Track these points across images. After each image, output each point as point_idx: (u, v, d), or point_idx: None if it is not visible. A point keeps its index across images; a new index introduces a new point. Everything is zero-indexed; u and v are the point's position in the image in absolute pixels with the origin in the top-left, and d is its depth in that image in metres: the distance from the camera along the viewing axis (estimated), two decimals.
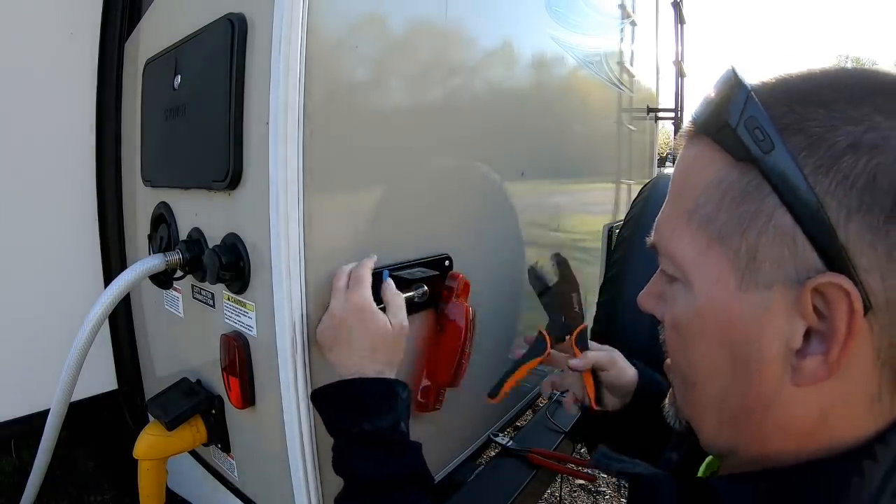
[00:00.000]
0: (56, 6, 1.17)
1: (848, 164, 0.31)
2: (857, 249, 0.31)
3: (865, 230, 0.31)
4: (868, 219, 0.30)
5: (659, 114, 2.60)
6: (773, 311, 0.35)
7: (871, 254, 0.31)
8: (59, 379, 0.92)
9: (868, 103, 0.31)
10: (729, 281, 0.36)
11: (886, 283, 0.31)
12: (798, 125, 0.33)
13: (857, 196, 0.30)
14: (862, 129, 0.31)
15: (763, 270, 0.35)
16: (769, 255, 0.34)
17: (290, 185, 0.73)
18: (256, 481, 0.98)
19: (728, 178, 0.36)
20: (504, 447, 1.28)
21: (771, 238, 0.34)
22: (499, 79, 1.21)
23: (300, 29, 0.71)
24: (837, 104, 0.32)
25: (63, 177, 1.24)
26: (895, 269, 0.31)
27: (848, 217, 0.31)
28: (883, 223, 0.30)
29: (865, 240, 0.31)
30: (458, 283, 1.01)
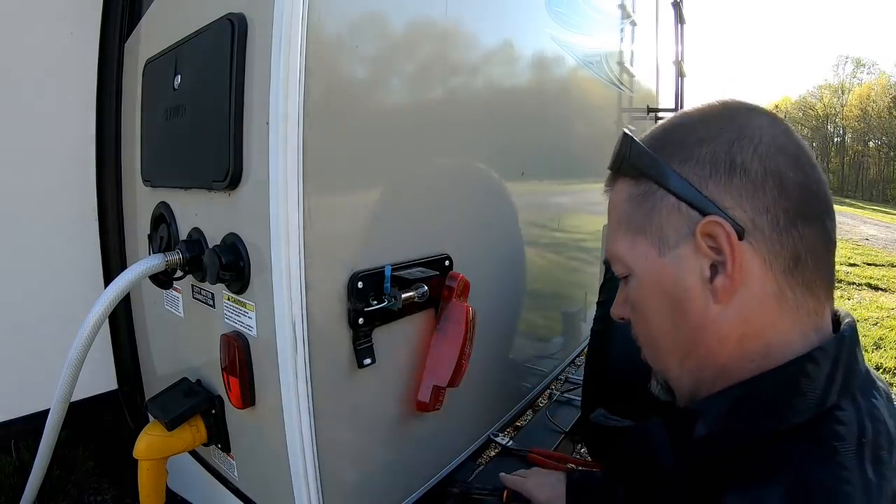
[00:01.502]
0: (56, 6, 1.17)
1: (698, 153, 0.49)
2: (718, 198, 0.48)
3: (720, 186, 0.48)
4: (717, 178, 0.48)
5: (659, 114, 2.60)
6: (684, 259, 0.50)
7: (728, 198, 0.48)
8: (59, 379, 0.92)
9: (706, 119, 0.52)
10: (652, 254, 0.52)
11: (747, 213, 0.47)
12: (663, 143, 0.53)
13: (708, 168, 0.49)
14: (702, 135, 0.50)
15: (670, 237, 0.51)
16: (669, 225, 0.51)
17: (290, 185, 0.73)
18: (256, 481, 0.98)
19: (632, 191, 0.54)
20: (504, 447, 1.28)
21: (666, 214, 0.51)
22: (499, 79, 1.20)
23: (300, 28, 0.71)
24: (690, 123, 0.53)
25: (63, 177, 1.24)
26: (747, 203, 0.47)
27: (705, 182, 0.48)
28: (726, 179, 0.48)
29: (722, 191, 0.48)
30: (458, 283, 1.01)
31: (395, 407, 0.98)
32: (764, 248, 0.47)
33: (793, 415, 0.45)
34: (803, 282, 0.48)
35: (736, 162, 0.48)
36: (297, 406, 0.78)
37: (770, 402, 0.46)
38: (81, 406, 1.24)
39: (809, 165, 0.49)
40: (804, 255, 0.47)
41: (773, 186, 0.47)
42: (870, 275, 6.33)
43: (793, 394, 0.45)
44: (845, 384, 0.46)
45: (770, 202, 0.47)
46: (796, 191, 0.47)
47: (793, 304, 0.48)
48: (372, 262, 0.87)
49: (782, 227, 0.47)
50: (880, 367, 3.42)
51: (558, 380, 1.76)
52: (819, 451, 0.43)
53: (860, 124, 53.49)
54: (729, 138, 0.49)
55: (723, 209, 0.47)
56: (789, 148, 0.49)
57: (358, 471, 0.93)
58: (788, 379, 0.46)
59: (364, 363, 0.87)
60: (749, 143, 0.48)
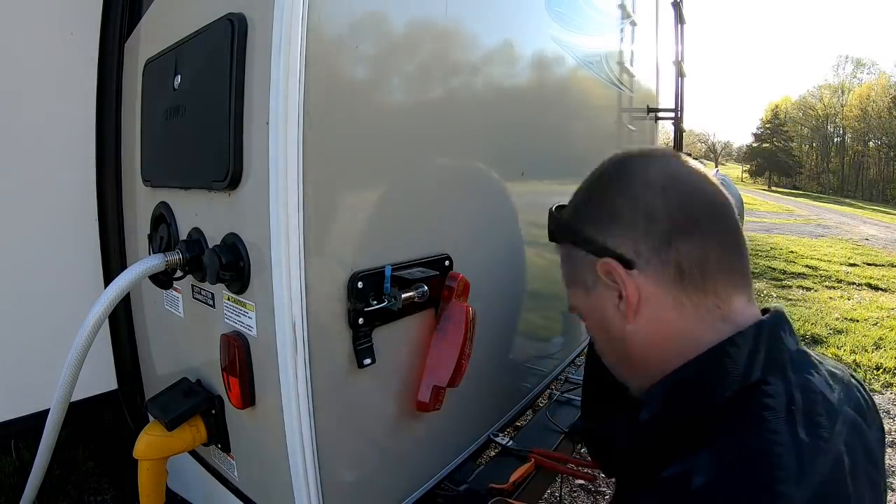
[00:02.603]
0: (56, 6, 1.17)
1: (592, 212, 0.64)
2: (608, 243, 0.60)
3: (607, 233, 0.61)
4: (604, 227, 0.61)
5: (659, 114, 2.60)
6: (601, 295, 0.63)
7: (614, 239, 0.60)
8: (59, 379, 0.92)
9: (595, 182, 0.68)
10: (583, 296, 0.66)
11: (629, 247, 0.59)
12: (573, 210, 0.68)
13: (598, 222, 0.62)
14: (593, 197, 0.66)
15: (588, 281, 0.64)
16: (586, 273, 0.64)
17: (290, 185, 0.73)
18: (256, 481, 0.98)
19: (562, 253, 0.70)
20: (504, 447, 1.28)
21: (582, 265, 0.64)
22: (499, 79, 1.20)
23: (300, 28, 0.72)
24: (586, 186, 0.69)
25: (63, 177, 1.24)
26: (628, 240, 0.59)
27: (599, 233, 0.62)
28: (609, 225, 0.61)
29: (609, 236, 0.60)
30: (458, 283, 1.01)
31: (395, 407, 0.98)
32: (650, 271, 0.58)
33: (721, 390, 0.52)
34: (695, 287, 0.57)
35: (613, 210, 0.61)
36: (297, 406, 0.78)
37: (698, 382, 0.55)
38: (81, 406, 1.24)
39: (677, 186, 0.60)
40: (687, 266, 0.57)
41: (642, 220, 0.59)
42: (870, 275, 6.33)
43: (717, 373, 0.53)
44: (770, 361, 0.53)
45: (643, 233, 0.58)
46: (664, 215, 0.58)
47: (691, 307, 0.57)
48: (372, 262, 0.87)
49: (659, 250, 0.57)
50: (880, 367, 3.42)
51: (558, 380, 1.76)
52: (748, 419, 0.49)
53: (860, 124, 53.47)
54: (609, 194, 0.63)
55: (612, 250, 0.60)
56: (658, 180, 0.60)
57: (358, 471, 0.93)
58: (712, 361, 0.54)
59: (364, 363, 0.87)
60: (619, 193, 0.61)
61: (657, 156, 0.65)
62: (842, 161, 56.02)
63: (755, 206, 18.49)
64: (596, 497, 2.08)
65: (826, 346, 3.74)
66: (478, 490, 1.08)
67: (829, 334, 4.00)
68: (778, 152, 58.58)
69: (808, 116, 60.55)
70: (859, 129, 53.79)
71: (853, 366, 3.44)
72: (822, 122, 59.29)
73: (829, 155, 58.17)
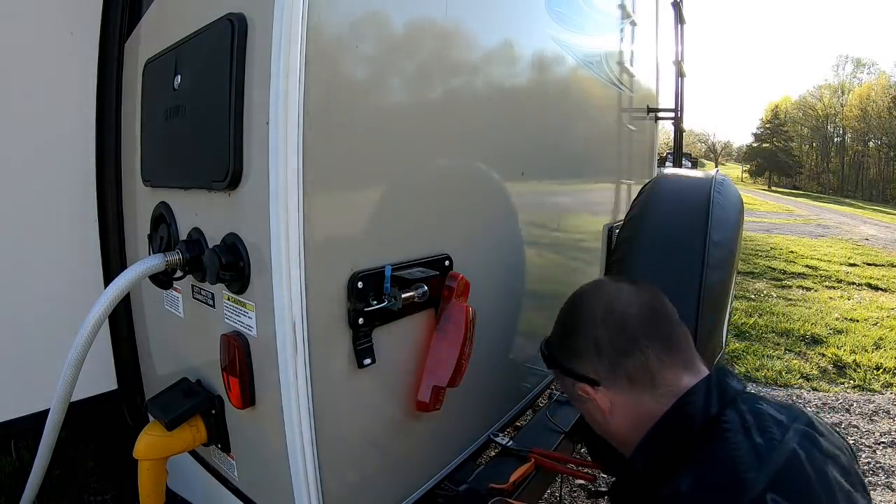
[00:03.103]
0: (56, 6, 1.17)
1: (566, 346, 0.87)
2: (578, 369, 0.84)
3: (575, 362, 0.85)
4: (572, 359, 0.86)
5: (659, 114, 2.60)
6: (586, 402, 0.84)
7: (581, 366, 0.84)
8: (59, 379, 0.92)
9: (562, 320, 0.93)
10: (575, 401, 0.88)
11: (591, 371, 0.82)
12: (557, 344, 0.91)
13: (567, 355, 0.87)
14: (562, 333, 0.90)
15: (575, 394, 0.85)
16: (571, 389, 0.87)
17: (290, 185, 0.73)
18: (256, 481, 0.98)
19: (555, 374, 0.93)
20: (504, 447, 1.28)
21: (567, 384, 0.88)
22: (499, 79, 1.20)
23: (300, 28, 0.71)
24: (559, 322, 0.93)
25: (63, 177, 1.24)
26: (589, 366, 0.82)
27: (569, 362, 0.86)
28: (574, 358, 0.85)
29: (577, 364, 0.84)
30: (458, 283, 1.01)
31: (395, 407, 0.98)
32: (610, 385, 0.80)
33: (689, 424, 0.70)
34: (645, 386, 0.77)
35: (574, 346, 0.85)
36: (297, 406, 0.78)
37: (670, 426, 0.72)
38: (81, 406, 1.24)
39: (609, 317, 0.81)
40: (635, 375, 0.77)
41: (593, 351, 0.81)
42: (870, 275, 6.33)
43: (683, 415, 0.71)
44: (722, 400, 0.71)
45: (596, 361, 0.81)
46: (607, 345, 0.80)
47: (648, 398, 0.76)
48: (372, 262, 0.87)
49: (610, 368, 0.79)
50: (880, 367, 3.42)
51: None
52: (713, 439, 0.66)
53: (860, 124, 53.47)
54: (569, 333, 0.87)
55: (581, 374, 0.83)
56: (597, 315, 0.82)
57: (358, 471, 0.93)
58: (678, 409, 0.72)
59: (364, 363, 0.87)
60: (574, 332, 0.86)
61: (597, 290, 0.87)
62: (842, 161, 56.01)
63: (755, 206, 18.49)
64: (596, 497, 2.08)
65: (826, 346, 3.74)
66: (478, 490, 1.08)
67: (829, 334, 4.00)
68: (778, 152, 58.57)
69: (808, 116, 60.54)
70: (859, 129, 53.78)
71: (853, 366, 3.44)
72: (822, 122, 59.27)
73: (829, 155, 58.17)
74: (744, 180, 59.11)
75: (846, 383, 3.21)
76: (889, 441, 2.55)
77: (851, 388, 3.15)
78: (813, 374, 3.29)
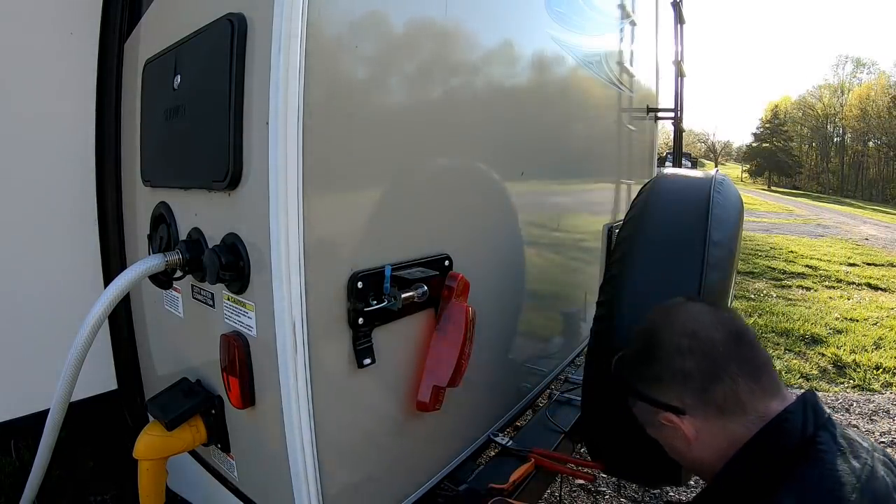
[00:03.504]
0: (56, 6, 1.17)
1: (646, 375, 0.83)
2: (662, 397, 0.80)
3: (659, 391, 0.80)
4: (655, 387, 0.81)
5: (659, 114, 2.60)
6: (667, 431, 0.81)
7: (665, 395, 0.79)
8: (59, 379, 0.92)
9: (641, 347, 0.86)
10: (654, 430, 0.85)
11: (676, 399, 0.78)
12: (635, 373, 0.86)
13: (650, 383, 0.82)
14: (642, 360, 0.85)
15: (656, 423, 0.82)
16: (651, 417, 0.83)
17: (289, 185, 0.73)
18: (256, 481, 0.98)
19: (631, 402, 0.88)
20: (504, 447, 1.28)
21: (647, 412, 0.83)
22: (499, 79, 1.20)
23: (300, 28, 0.72)
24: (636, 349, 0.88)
25: (63, 177, 1.24)
26: (675, 395, 0.78)
27: (654, 391, 0.81)
28: (657, 386, 0.81)
29: (661, 393, 0.80)
30: (458, 283, 1.01)
31: (395, 407, 0.98)
32: (697, 413, 0.77)
33: (785, 444, 0.69)
34: (735, 413, 0.75)
35: (657, 375, 0.81)
36: (297, 406, 0.78)
37: (764, 446, 0.71)
38: (81, 406, 1.24)
39: (696, 346, 0.78)
40: (724, 402, 0.75)
41: (679, 381, 0.78)
42: (870, 274, 6.34)
43: (779, 434, 0.71)
44: (817, 422, 0.70)
45: (684, 389, 0.77)
46: (695, 374, 0.77)
47: (736, 426, 0.74)
48: (372, 262, 0.87)
49: (699, 397, 0.76)
50: (880, 367, 3.42)
51: (558, 380, 1.76)
52: (809, 460, 0.66)
53: (860, 124, 53.47)
54: (652, 359, 0.82)
55: (665, 403, 0.79)
56: (681, 346, 0.79)
57: (358, 471, 0.93)
58: (773, 429, 0.72)
59: (364, 363, 0.87)
60: (658, 361, 0.81)
61: (678, 315, 0.83)
62: (841, 161, 56.01)
63: (755, 206, 18.49)
64: (596, 497, 2.08)
65: (826, 346, 3.74)
66: (478, 490, 1.08)
67: (828, 334, 4.00)
68: (778, 152, 58.56)
69: (807, 116, 60.54)
70: (859, 128, 53.77)
71: (853, 365, 3.44)
72: (822, 121, 59.28)
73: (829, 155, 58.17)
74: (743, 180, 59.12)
75: (846, 383, 3.21)
76: (889, 441, 2.55)
77: (851, 388, 3.15)
78: (813, 373, 3.30)
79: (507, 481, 1.10)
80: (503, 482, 1.10)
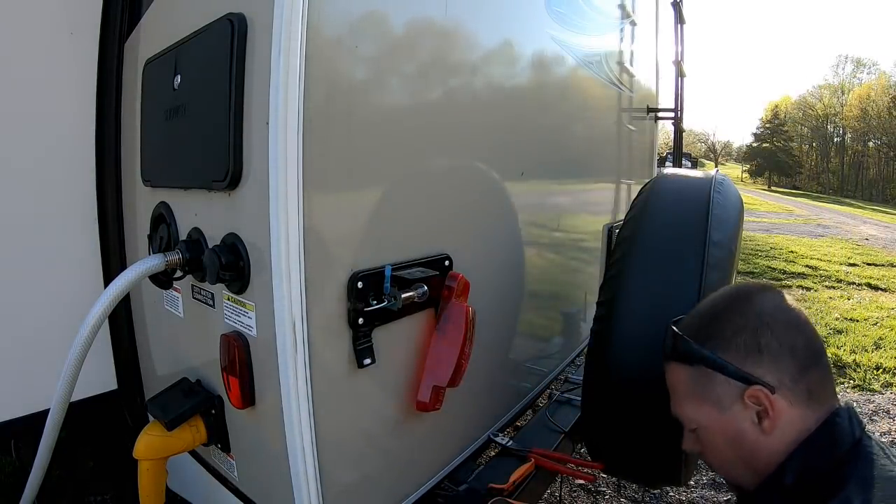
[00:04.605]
0: (56, 6, 1.17)
1: (735, 343, 0.75)
2: (754, 371, 0.74)
3: (754, 363, 0.74)
4: (751, 358, 0.74)
5: (659, 114, 2.60)
6: (739, 413, 0.75)
7: (761, 369, 0.73)
8: (59, 379, 0.92)
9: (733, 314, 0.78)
10: (714, 413, 0.78)
11: (774, 376, 0.73)
12: (705, 337, 0.78)
13: (743, 353, 0.75)
14: (734, 328, 0.76)
15: (725, 401, 0.76)
16: (724, 394, 0.76)
17: (290, 185, 0.73)
18: (256, 481, 0.98)
19: (691, 373, 0.80)
20: (504, 447, 1.28)
21: (720, 388, 0.76)
22: (499, 79, 1.21)
23: (300, 28, 0.71)
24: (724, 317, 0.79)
25: (63, 177, 1.24)
26: (774, 370, 0.73)
27: (743, 361, 0.74)
28: (757, 358, 0.74)
29: (755, 366, 0.74)
30: (458, 283, 1.01)
31: (395, 407, 0.98)
32: (789, 395, 0.73)
33: (840, 446, 0.70)
34: (817, 401, 0.73)
35: (762, 345, 0.74)
36: (297, 406, 0.78)
37: (824, 443, 0.71)
38: (81, 406, 1.24)
39: (804, 325, 0.76)
40: (813, 388, 0.73)
41: (787, 355, 0.73)
42: (870, 275, 6.33)
43: (836, 434, 0.71)
44: (861, 427, 0.72)
45: (786, 365, 0.73)
46: (802, 351, 0.74)
47: (811, 415, 0.73)
48: (372, 262, 0.87)
49: (797, 378, 0.73)
50: (880, 367, 3.42)
51: (558, 380, 1.76)
52: (862, 460, 0.69)
53: (860, 124, 53.45)
54: (753, 327, 0.75)
55: (757, 378, 0.73)
56: (791, 319, 0.76)
57: (358, 471, 0.93)
58: (831, 428, 0.72)
59: (364, 363, 0.87)
60: (767, 329, 0.74)
61: (775, 294, 0.80)
62: (841, 161, 56.01)
63: (755, 206, 18.48)
64: (596, 497, 2.08)
65: (826, 346, 3.73)
66: (478, 490, 1.08)
67: (829, 334, 4.00)
68: (778, 152, 58.56)
69: (807, 116, 60.53)
70: (859, 128, 53.77)
71: (853, 365, 3.44)
72: (822, 121, 59.27)
73: (829, 155, 58.16)
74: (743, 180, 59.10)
75: (846, 383, 3.21)
76: (889, 441, 2.55)
77: (851, 388, 3.15)
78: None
79: (507, 481, 1.10)
80: (503, 482, 1.10)
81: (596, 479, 2.09)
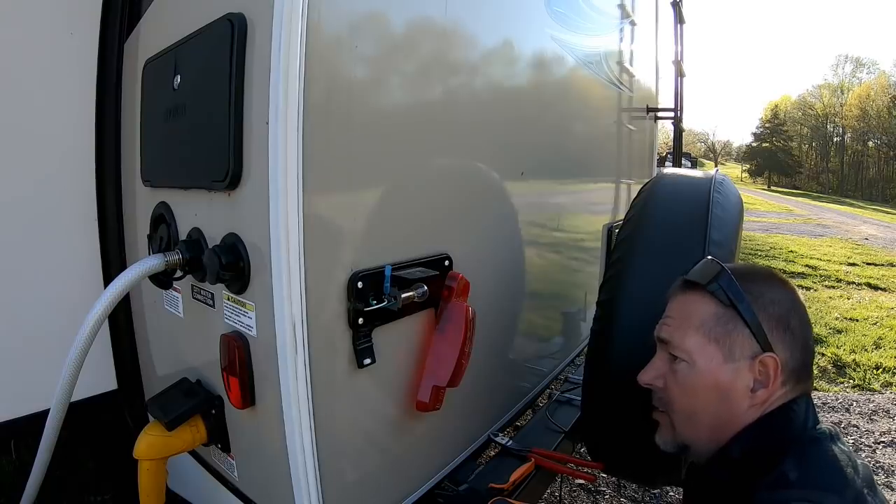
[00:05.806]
0: (56, 6, 1.17)
1: (771, 309, 0.76)
2: (775, 342, 0.74)
3: (778, 335, 0.75)
4: (778, 330, 0.75)
5: (659, 113, 2.61)
6: (741, 371, 0.75)
7: (780, 345, 0.74)
8: (59, 379, 0.92)
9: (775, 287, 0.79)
10: (718, 358, 0.76)
11: (784, 355, 0.74)
12: (749, 288, 0.77)
13: (774, 322, 0.75)
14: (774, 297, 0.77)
15: (736, 353, 0.76)
16: (739, 346, 0.76)
17: (290, 185, 0.73)
18: (256, 481, 0.98)
19: (718, 311, 0.78)
20: (504, 447, 1.28)
21: (740, 339, 0.76)
22: (498, 79, 1.21)
23: (300, 28, 0.72)
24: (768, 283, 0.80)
25: (63, 177, 1.24)
26: (787, 350, 0.75)
27: (771, 329, 0.75)
28: (782, 333, 0.75)
29: (777, 339, 0.75)
30: (458, 283, 1.01)
31: (395, 407, 0.98)
32: (788, 373, 0.75)
33: (793, 426, 0.73)
34: (797, 381, 0.76)
35: (790, 326, 0.76)
36: (297, 406, 0.78)
37: (779, 423, 0.74)
38: (81, 406, 1.24)
39: (808, 322, 0.79)
40: (799, 382, 0.76)
41: (801, 346, 0.76)
42: (869, 274, 6.34)
43: (791, 416, 0.74)
44: (815, 417, 0.75)
45: (798, 354, 0.76)
46: (809, 348, 0.78)
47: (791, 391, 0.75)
48: (372, 262, 0.87)
49: (798, 369, 0.76)
50: (880, 367, 3.42)
51: (558, 380, 1.76)
52: (809, 443, 0.72)
53: (860, 124, 53.46)
54: (788, 307, 0.77)
55: (775, 350, 0.74)
56: (804, 316, 0.78)
57: (358, 471, 0.93)
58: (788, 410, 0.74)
59: (364, 363, 0.87)
60: (795, 314, 0.77)
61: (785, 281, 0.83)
62: (841, 161, 56.00)
63: (755, 206, 18.49)
64: (596, 497, 2.08)
65: (826, 346, 3.74)
66: (478, 490, 1.08)
67: (828, 334, 4.00)
68: (777, 152, 58.56)
69: (807, 116, 60.53)
70: (859, 128, 53.77)
71: (853, 365, 3.44)
72: (822, 121, 59.27)
73: (829, 155, 58.16)
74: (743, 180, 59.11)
75: (846, 383, 3.21)
76: (889, 441, 2.55)
77: (851, 388, 3.15)
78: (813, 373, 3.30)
79: (507, 481, 1.10)
80: (503, 482, 1.10)
81: (596, 479, 2.09)
